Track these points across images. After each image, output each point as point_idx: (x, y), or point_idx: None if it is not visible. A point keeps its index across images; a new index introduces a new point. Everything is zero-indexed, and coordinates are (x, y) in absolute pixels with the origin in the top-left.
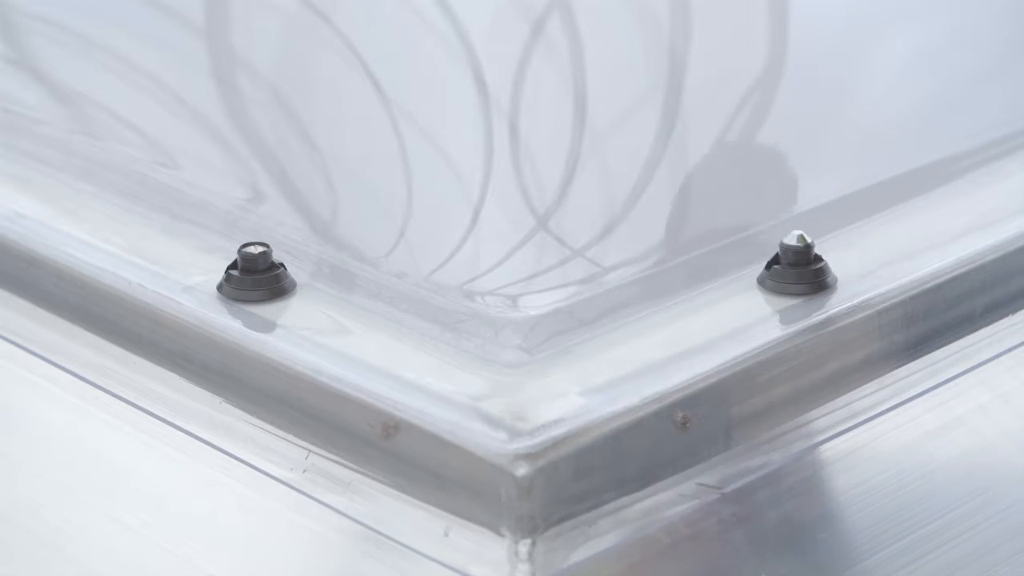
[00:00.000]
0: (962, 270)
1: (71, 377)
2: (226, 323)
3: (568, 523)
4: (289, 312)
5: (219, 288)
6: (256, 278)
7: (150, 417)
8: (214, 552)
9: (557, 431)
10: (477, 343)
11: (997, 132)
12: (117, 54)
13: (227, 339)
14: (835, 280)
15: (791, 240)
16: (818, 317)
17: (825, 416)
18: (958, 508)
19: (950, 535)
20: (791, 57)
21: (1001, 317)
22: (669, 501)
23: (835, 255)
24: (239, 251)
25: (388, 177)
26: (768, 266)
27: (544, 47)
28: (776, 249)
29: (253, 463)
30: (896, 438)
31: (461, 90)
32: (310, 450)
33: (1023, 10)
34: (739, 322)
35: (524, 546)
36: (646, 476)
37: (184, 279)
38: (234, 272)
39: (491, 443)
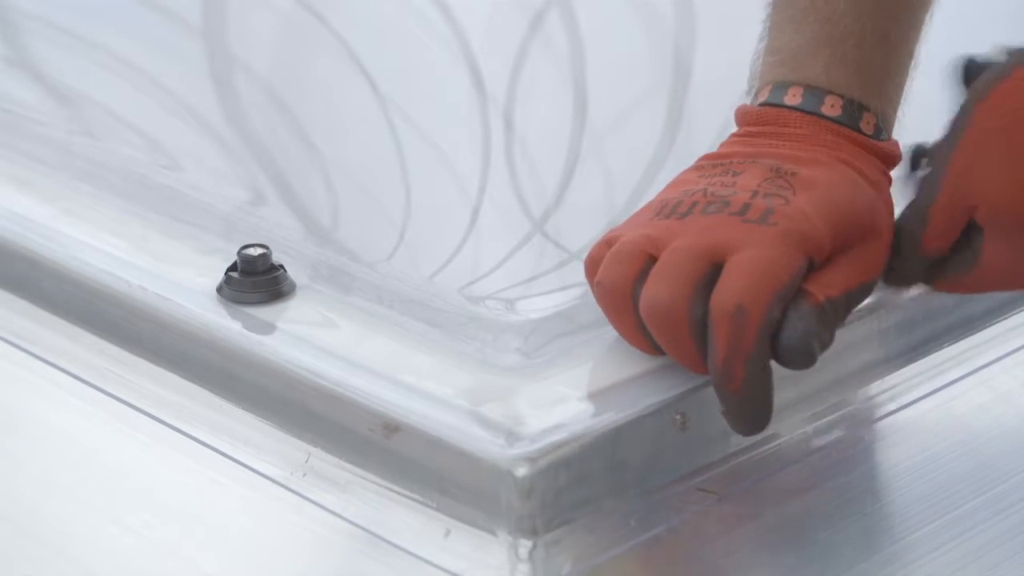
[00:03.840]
0: None
1: (71, 378)
2: (225, 325)
3: (568, 525)
4: (288, 314)
5: (218, 290)
6: (255, 280)
7: (150, 418)
8: (214, 552)
9: (557, 434)
10: (476, 346)
11: None
12: (117, 54)
13: (226, 341)
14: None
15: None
16: None
17: (825, 418)
18: (958, 508)
19: (950, 535)
20: None
21: (1001, 318)
22: (669, 503)
23: None
24: (239, 253)
25: (387, 179)
26: None
27: (543, 46)
28: None
29: (253, 465)
30: (896, 439)
31: (460, 91)
32: (310, 452)
33: (1023, 11)
34: None
35: (524, 548)
36: (646, 478)
37: (184, 281)
38: (234, 274)
39: (491, 446)
